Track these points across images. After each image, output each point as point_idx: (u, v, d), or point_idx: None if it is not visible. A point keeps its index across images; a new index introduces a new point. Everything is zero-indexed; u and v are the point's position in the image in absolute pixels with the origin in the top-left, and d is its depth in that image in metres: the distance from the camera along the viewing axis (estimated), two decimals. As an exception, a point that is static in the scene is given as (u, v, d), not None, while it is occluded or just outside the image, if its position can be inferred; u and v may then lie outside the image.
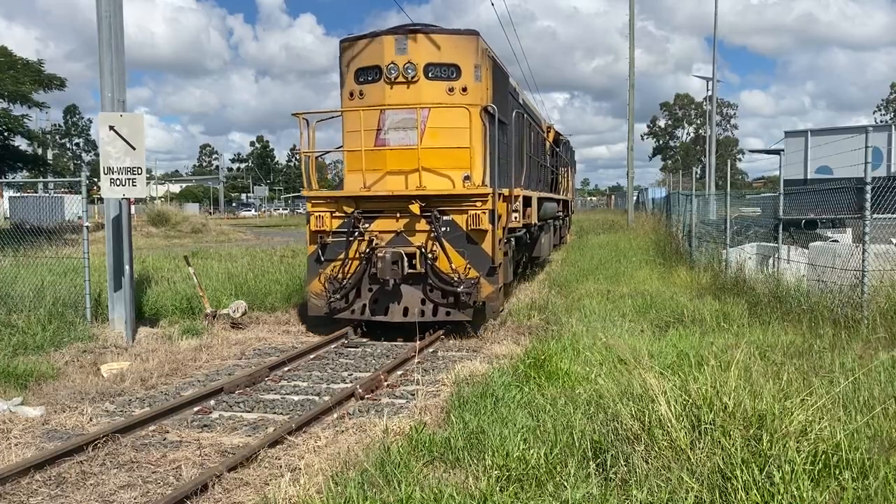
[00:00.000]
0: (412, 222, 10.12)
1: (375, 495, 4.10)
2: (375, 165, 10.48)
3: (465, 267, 9.91)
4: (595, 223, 39.64)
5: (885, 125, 35.54)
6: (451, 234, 9.98)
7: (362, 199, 10.36)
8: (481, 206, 9.93)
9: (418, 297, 10.12)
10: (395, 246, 10.05)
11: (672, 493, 3.86)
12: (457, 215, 9.99)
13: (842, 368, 6.07)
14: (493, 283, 10.00)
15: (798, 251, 12.15)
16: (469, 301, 9.84)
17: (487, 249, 9.94)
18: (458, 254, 9.96)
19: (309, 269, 10.73)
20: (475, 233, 9.95)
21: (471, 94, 10.39)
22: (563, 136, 25.09)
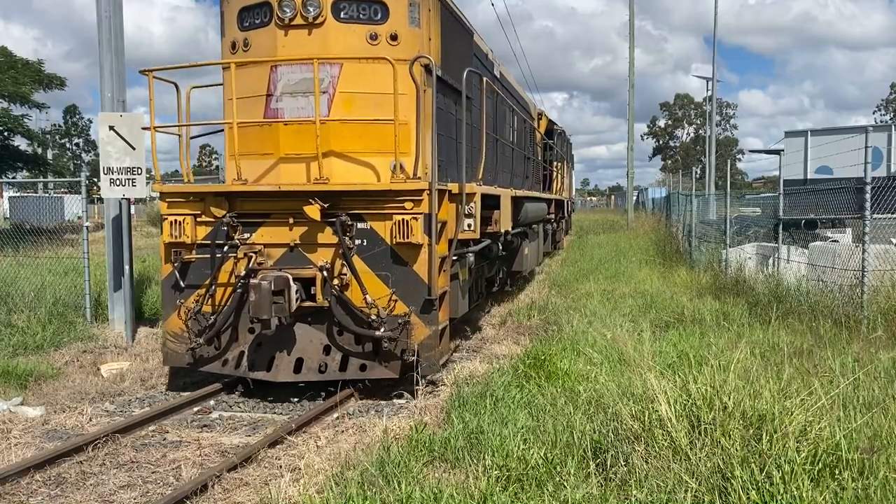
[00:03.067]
0: (313, 232, 7.05)
1: (375, 495, 4.10)
2: (263, 148, 7.34)
3: (388, 299, 6.93)
4: (595, 223, 39.65)
5: (885, 125, 35.57)
6: (370, 250, 6.96)
7: (239, 196, 7.26)
8: (412, 208, 6.85)
9: (319, 343, 7.11)
10: (285, 267, 7.02)
11: (672, 492, 3.86)
12: (377, 222, 6.93)
13: (842, 368, 6.07)
14: (430, 322, 6.96)
15: (798, 251, 12.15)
16: (395, 349, 6.90)
17: (422, 272, 6.90)
18: (380, 279, 6.95)
19: (164, 299, 7.58)
20: (404, 248, 6.91)
21: (404, 44, 7.18)
22: (557, 126, 21.53)
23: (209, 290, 7.22)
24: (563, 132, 23.31)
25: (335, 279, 6.99)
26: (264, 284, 6.63)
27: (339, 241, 6.88)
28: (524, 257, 12.58)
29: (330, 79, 7.10)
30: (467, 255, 8.29)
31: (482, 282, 10.70)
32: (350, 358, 7.03)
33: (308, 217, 6.85)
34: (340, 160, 7.18)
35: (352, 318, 6.96)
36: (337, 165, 7.16)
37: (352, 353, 7.05)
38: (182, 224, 7.33)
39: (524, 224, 12.08)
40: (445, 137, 7.94)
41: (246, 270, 7.03)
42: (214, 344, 7.30)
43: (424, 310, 6.96)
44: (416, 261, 6.94)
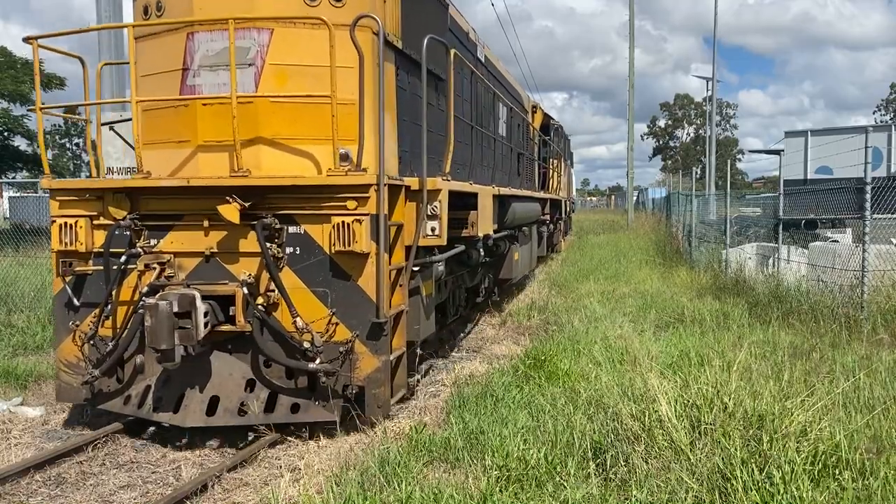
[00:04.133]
0: (233, 238, 5.77)
1: (375, 495, 4.10)
2: (178, 134, 6.05)
3: (327, 321, 5.66)
4: (595, 223, 39.67)
5: (885, 125, 35.58)
6: (304, 261, 5.71)
7: (143, 194, 5.97)
8: (356, 208, 5.59)
9: (241, 378, 5.80)
10: (198, 281, 5.75)
11: (672, 493, 3.86)
12: (313, 225, 5.68)
13: (842, 368, 6.08)
14: (378, 350, 5.68)
15: (798, 251, 12.16)
16: (334, 385, 5.66)
17: (368, 288, 5.64)
18: (316, 297, 5.70)
19: (56, 321, 6.29)
20: (346, 258, 5.63)
21: (351, 6, 5.85)
22: (553, 121, 19.96)
23: (107, 310, 5.95)
24: (559, 127, 21.64)
25: (260, 297, 5.67)
26: (162, 306, 5.30)
27: (262, 249, 5.55)
28: (513, 263, 11.24)
29: (257, 48, 5.81)
30: (433, 265, 6.83)
31: (461, 293, 9.56)
32: (280, 396, 5.74)
33: (225, 219, 5.53)
34: (271, 149, 5.84)
35: (281, 347, 5.69)
36: (267, 155, 5.83)
37: (282, 390, 5.75)
38: (75, 228, 6.04)
39: (512, 226, 10.71)
40: (412, 125, 6.63)
41: (149, 286, 5.69)
42: (117, 375, 6.04)
43: (372, 335, 5.65)
44: (362, 274, 5.63)
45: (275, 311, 5.76)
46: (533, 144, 15.54)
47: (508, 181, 11.66)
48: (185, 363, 5.64)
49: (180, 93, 5.99)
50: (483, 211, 7.87)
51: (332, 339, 5.69)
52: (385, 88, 5.89)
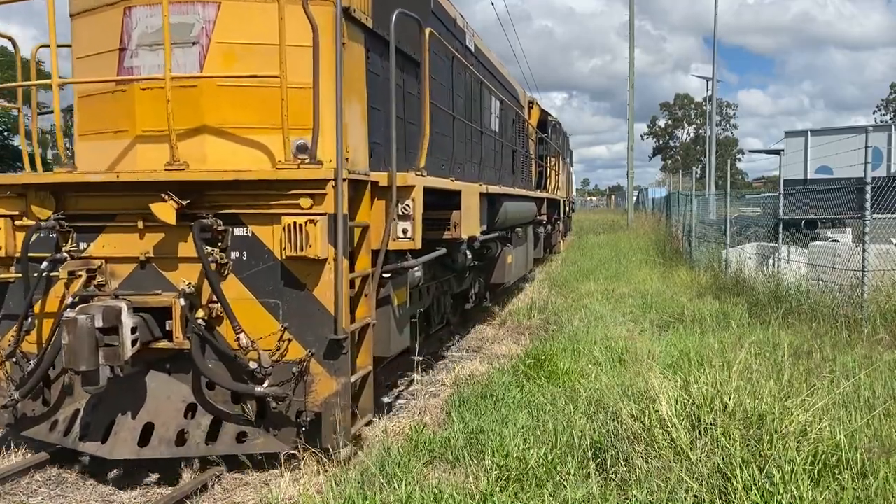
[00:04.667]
0: (171, 241, 5.05)
1: (375, 495, 4.10)
2: (116, 123, 5.38)
3: (278, 338, 4.96)
4: (595, 223, 39.70)
5: (885, 125, 35.57)
6: (251, 267, 5.00)
7: (70, 190, 5.27)
8: (311, 206, 4.86)
9: (181, 402, 5.09)
10: (132, 291, 5.03)
11: (672, 492, 3.86)
12: (262, 226, 4.96)
13: (842, 368, 6.08)
14: (337, 370, 4.94)
15: (798, 251, 12.16)
16: (286, 411, 4.96)
17: (325, 299, 4.90)
18: (266, 309, 4.99)
19: None
20: (300, 265, 4.91)
21: None
22: (552, 118, 19.12)
23: (27, 323, 5.26)
24: (558, 124, 20.63)
25: (201, 310, 4.95)
26: (82, 321, 4.58)
27: (199, 254, 4.80)
28: (506, 267, 10.42)
29: (202, 24, 5.14)
30: (410, 271, 6.15)
31: (446, 300, 8.88)
32: (224, 423, 5.01)
33: (161, 220, 4.83)
34: (219, 139, 5.13)
35: (226, 365, 4.98)
36: (214, 146, 5.13)
37: (228, 416, 5.03)
38: None
39: (504, 227, 9.96)
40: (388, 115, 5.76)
41: (74, 297, 4.97)
42: (44, 397, 5.33)
43: (330, 353, 4.90)
44: (318, 283, 4.88)
45: (219, 325, 5.00)
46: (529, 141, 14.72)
47: (500, 179, 10.75)
48: (115, 385, 4.89)
49: (117, 75, 5.27)
50: (468, 210, 7.19)
51: (284, 357, 4.94)
52: (348, 70, 5.12)
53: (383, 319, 5.73)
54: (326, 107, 5.00)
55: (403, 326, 6.18)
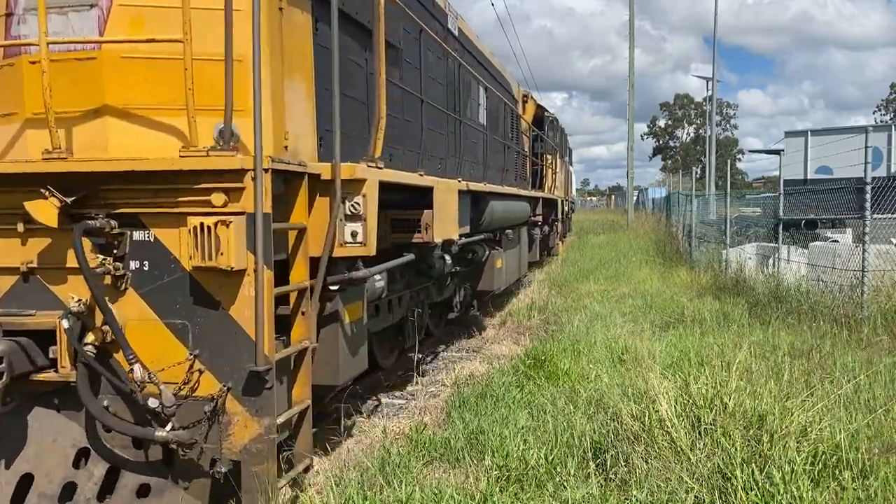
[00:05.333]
0: (59, 248, 4.12)
1: (375, 496, 4.10)
2: (4, 104, 4.40)
3: (187, 368, 4.02)
4: (595, 223, 39.71)
5: (885, 125, 35.59)
6: (154, 280, 4.08)
7: None
8: (226, 204, 3.94)
9: (71, 446, 4.15)
10: (13, 307, 4.14)
11: (672, 493, 3.86)
12: (166, 228, 4.06)
13: (842, 369, 6.08)
14: (260, 409, 4.00)
15: (798, 251, 12.17)
16: (198, 459, 4.03)
17: (244, 320, 3.98)
18: (172, 332, 4.07)
19: None
20: (212, 277, 3.98)
21: None
22: (548, 113, 18.16)
23: None
24: (555, 120, 19.49)
25: (91, 333, 3.99)
26: None
27: (80, 264, 3.85)
28: (495, 272, 9.54)
29: None
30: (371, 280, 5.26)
31: (424, 311, 7.99)
32: (123, 472, 4.09)
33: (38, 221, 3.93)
34: (124, 122, 4.11)
35: (123, 400, 4.05)
36: (117, 132, 4.12)
37: (127, 464, 4.10)
38: None
39: (491, 229, 9.13)
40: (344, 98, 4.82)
41: None
42: None
43: (250, 388, 3.96)
44: (235, 300, 3.95)
45: (116, 352, 4.04)
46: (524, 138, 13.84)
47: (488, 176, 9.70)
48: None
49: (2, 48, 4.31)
50: (442, 210, 6.33)
51: (195, 393, 3.99)
52: (288, 41, 4.35)
53: (329, 341, 4.79)
54: (267, 85, 4.12)
55: (358, 347, 5.16)
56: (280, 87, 4.29)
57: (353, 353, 5.09)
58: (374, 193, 4.84)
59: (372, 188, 4.81)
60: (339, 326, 4.87)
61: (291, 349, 4.36)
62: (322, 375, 4.77)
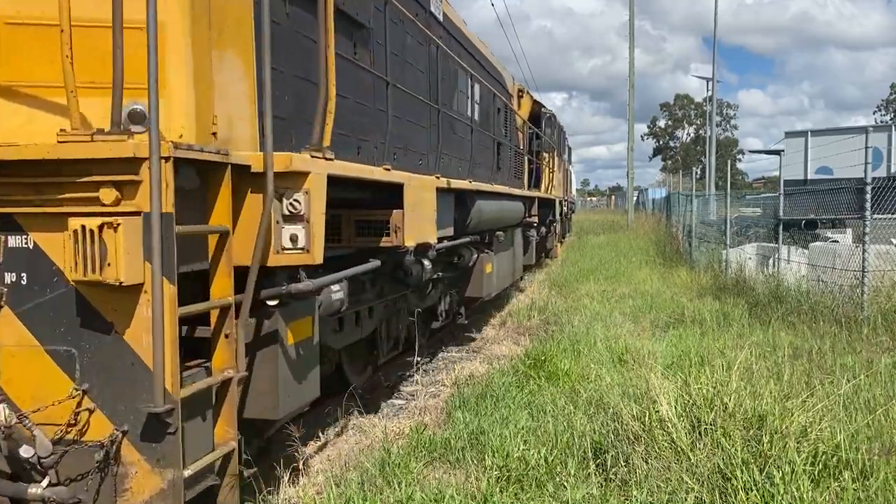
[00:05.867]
0: None
1: (375, 496, 4.10)
2: None
3: (73, 406, 3.21)
4: (595, 223, 39.71)
5: (885, 125, 35.58)
6: (34, 297, 3.28)
7: None
8: (118, 202, 3.16)
9: None
10: None
11: (672, 493, 3.86)
12: (46, 233, 3.26)
13: (842, 369, 6.08)
14: (163, 459, 3.20)
15: (798, 251, 12.17)
16: None
17: (141, 348, 3.19)
18: (55, 361, 3.26)
19: None
20: (101, 293, 3.19)
21: None
22: (545, 110, 17.25)
23: None
24: (552, 117, 18.55)
25: None
26: None
27: None
28: (484, 277, 8.95)
29: None
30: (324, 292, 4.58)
31: (401, 322, 7.35)
32: None
33: None
34: (7, 102, 3.38)
35: None
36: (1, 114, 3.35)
37: None
38: None
39: (478, 231, 8.51)
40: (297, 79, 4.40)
41: None
42: None
43: (151, 432, 3.22)
44: (131, 322, 3.23)
45: None
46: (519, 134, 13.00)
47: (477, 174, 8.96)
48: None
49: None
50: (416, 210, 5.66)
51: (83, 437, 3.24)
52: (217, 7, 3.65)
53: (267, 367, 4.03)
54: (174, 56, 3.34)
55: (306, 372, 4.39)
56: (206, 60, 3.54)
57: (298, 380, 4.28)
58: (320, 189, 4.03)
59: (317, 183, 4.00)
60: (278, 349, 4.06)
61: (208, 381, 3.55)
62: (258, 408, 4.03)
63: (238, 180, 3.72)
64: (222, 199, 3.61)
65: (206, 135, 3.55)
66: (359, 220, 5.31)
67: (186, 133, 3.43)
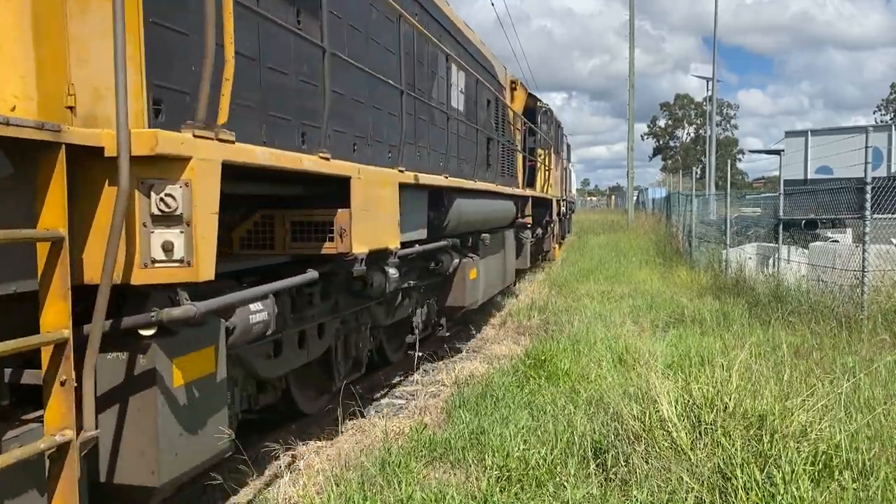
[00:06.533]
0: None
1: (376, 496, 4.10)
2: None
3: None
4: (595, 223, 39.70)
5: (885, 125, 35.58)
6: None
7: None
8: None
9: None
10: None
11: (672, 493, 3.86)
12: None
13: (842, 368, 6.08)
14: None
15: (798, 251, 12.17)
16: None
17: None
18: None
19: None
20: None
21: None
22: (541, 104, 16.42)
23: None
24: (549, 111, 17.37)
25: None
26: None
27: None
28: (467, 284, 8.19)
29: None
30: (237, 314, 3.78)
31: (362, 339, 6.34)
32: None
33: None
34: None
35: None
36: None
37: None
38: None
39: (459, 233, 7.73)
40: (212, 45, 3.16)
41: None
42: None
43: None
44: None
45: None
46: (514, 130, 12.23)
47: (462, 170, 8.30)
48: None
49: None
50: (368, 209, 4.82)
51: None
52: None
53: (140, 418, 3.12)
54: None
55: (204, 419, 3.43)
56: (55, 4, 2.75)
57: (191, 431, 3.32)
58: (208, 181, 3.07)
59: (203, 172, 3.03)
60: (156, 394, 3.12)
61: (28, 449, 2.52)
62: (130, 472, 3.13)
63: (90, 168, 2.84)
64: (53, 193, 2.61)
65: (56, 108, 2.72)
66: (296, 222, 4.47)
67: (22, 104, 2.59)
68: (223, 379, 3.61)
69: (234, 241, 4.47)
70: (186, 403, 3.31)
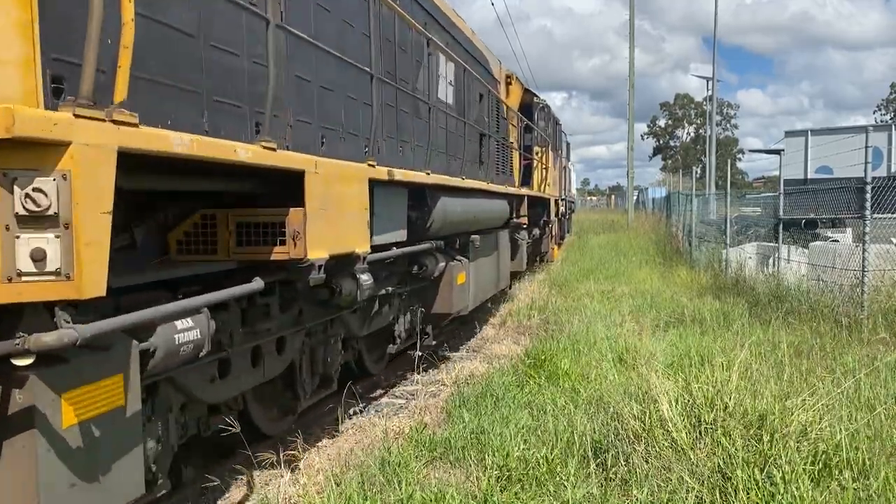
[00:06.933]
0: None
1: (376, 495, 4.10)
2: None
3: None
4: (595, 223, 39.70)
5: (885, 125, 35.57)
6: None
7: None
8: None
9: None
10: None
11: (672, 492, 3.86)
12: None
13: (843, 368, 6.08)
14: None
15: (798, 251, 12.17)
16: None
17: None
18: None
19: None
20: None
21: None
22: (538, 100, 15.83)
23: None
24: (546, 107, 16.63)
25: None
26: None
27: None
28: (455, 289, 7.66)
29: None
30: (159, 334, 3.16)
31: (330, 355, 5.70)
32: None
33: None
34: None
35: None
36: None
37: None
38: None
39: (444, 234, 7.17)
40: None
41: None
42: None
43: None
44: None
45: None
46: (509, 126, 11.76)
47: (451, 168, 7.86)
48: None
49: None
50: (327, 208, 4.21)
51: None
52: None
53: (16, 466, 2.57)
54: None
55: (108, 464, 2.85)
56: None
57: (88, 479, 2.74)
58: (96, 172, 2.46)
59: (89, 161, 2.43)
60: (36, 437, 2.56)
61: None
62: None
63: None
64: None
65: None
66: (242, 224, 3.88)
67: None
68: (136, 412, 2.98)
69: (171, 245, 3.80)
70: (82, 446, 2.71)
